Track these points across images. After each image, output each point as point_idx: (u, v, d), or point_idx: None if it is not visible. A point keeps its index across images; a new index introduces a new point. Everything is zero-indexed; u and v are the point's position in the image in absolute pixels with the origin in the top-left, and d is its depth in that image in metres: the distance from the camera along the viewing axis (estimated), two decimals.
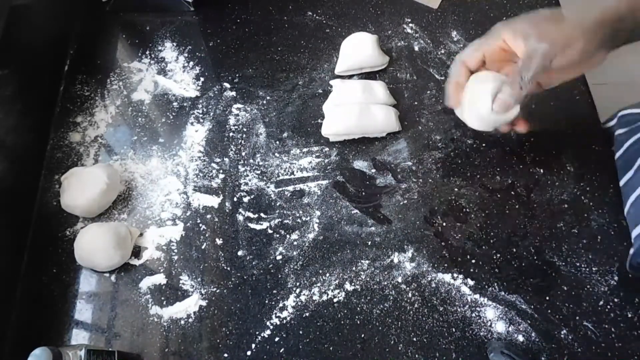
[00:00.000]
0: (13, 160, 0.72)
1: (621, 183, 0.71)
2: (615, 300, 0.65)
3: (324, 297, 0.67)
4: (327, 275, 0.68)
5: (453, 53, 0.84)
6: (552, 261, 0.67)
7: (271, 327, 0.65)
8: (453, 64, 0.63)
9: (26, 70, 0.74)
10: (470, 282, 0.67)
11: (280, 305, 0.66)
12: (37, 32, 0.80)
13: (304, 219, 0.72)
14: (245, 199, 0.73)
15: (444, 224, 0.71)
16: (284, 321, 0.65)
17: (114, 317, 0.66)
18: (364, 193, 0.73)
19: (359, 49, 0.81)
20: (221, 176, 0.75)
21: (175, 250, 0.70)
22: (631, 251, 0.66)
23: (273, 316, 0.66)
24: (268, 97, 0.81)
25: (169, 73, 0.83)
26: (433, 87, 0.82)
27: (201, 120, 0.79)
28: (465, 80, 0.62)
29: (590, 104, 0.78)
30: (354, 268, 0.68)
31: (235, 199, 0.73)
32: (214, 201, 0.73)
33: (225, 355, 0.64)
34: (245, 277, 0.68)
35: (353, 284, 0.67)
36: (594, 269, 0.67)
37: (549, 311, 0.65)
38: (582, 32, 0.54)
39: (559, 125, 0.77)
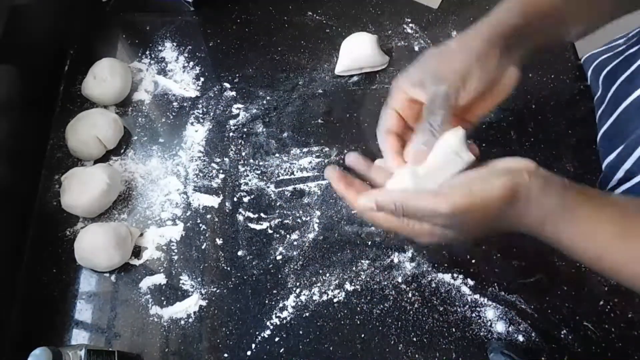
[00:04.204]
0: (13, 160, 0.72)
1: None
2: (615, 300, 0.65)
3: (324, 297, 0.67)
4: (327, 275, 0.68)
5: None
6: (552, 261, 0.67)
7: (271, 327, 0.65)
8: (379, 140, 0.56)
9: (26, 70, 0.74)
10: (470, 282, 0.67)
11: (280, 305, 0.66)
12: (37, 32, 0.80)
13: (304, 219, 0.72)
14: (245, 199, 0.73)
15: None
16: (284, 321, 0.65)
17: (114, 317, 0.66)
18: None
19: (359, 49, 0.81)
20: (221, 176, 0.75)
21: (175, 250, 0.70)
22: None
23: (273, 316, 0.66)
24: (268, 97, 0.81)
25: (169, 73, 0.83)
26: None
27: (201, 120, 0.79)
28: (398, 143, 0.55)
29: (589, 104, 0.78)
30: (354, 268, 0.68)
31: (235, 199, 0.73)
32: (214, 201, 0.73)
33: (225, 355, 0.64)
34: (245, 277, 0.68)
35: (353, 284, 0.67)
36: None
37: (549, 311, 0.64)
38: (479, 48, 0.51)
39: (559, 126, 0.77)
